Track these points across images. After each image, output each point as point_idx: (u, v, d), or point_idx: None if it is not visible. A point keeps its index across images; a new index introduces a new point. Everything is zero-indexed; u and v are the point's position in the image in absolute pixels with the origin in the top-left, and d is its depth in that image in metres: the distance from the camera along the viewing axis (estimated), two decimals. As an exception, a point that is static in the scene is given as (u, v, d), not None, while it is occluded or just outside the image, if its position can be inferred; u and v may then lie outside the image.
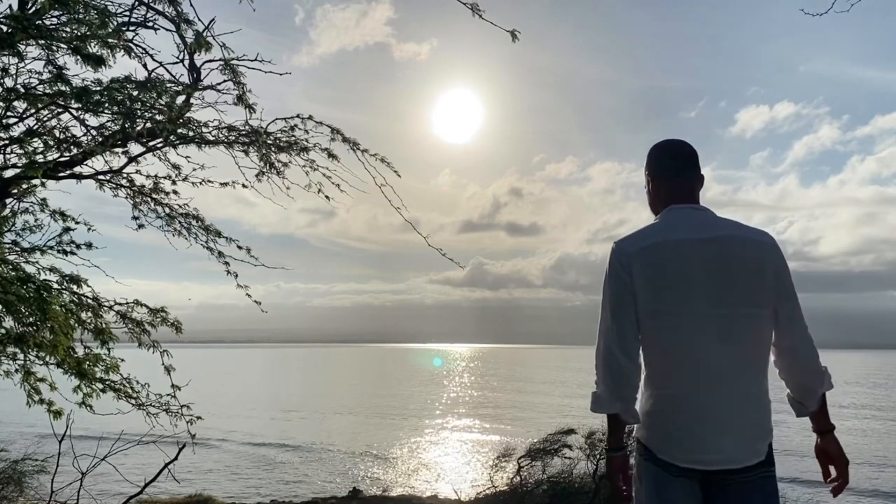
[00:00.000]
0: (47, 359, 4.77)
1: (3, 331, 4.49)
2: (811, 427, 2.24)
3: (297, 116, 4.64)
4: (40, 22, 3.50)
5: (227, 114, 4.49)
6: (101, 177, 4.75)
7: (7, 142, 4.28)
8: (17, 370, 5.00)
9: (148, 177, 4.87)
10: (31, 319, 4.37)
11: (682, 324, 2.00)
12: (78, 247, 4.92)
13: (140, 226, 5.01)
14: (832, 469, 2.18)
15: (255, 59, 4.26)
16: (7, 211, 4.78)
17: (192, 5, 3.88)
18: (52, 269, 4.64)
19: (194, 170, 4.81)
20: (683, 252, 2.02)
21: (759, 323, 2.03)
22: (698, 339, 1.99)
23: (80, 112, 3.99)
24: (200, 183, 4.86)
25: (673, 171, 2.21)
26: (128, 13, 4.07)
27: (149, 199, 4.95)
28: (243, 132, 4.56)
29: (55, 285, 4.54)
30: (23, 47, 3.52)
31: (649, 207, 2.30)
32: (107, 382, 4.99)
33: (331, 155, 4.66)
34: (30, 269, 4.58)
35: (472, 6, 3.42)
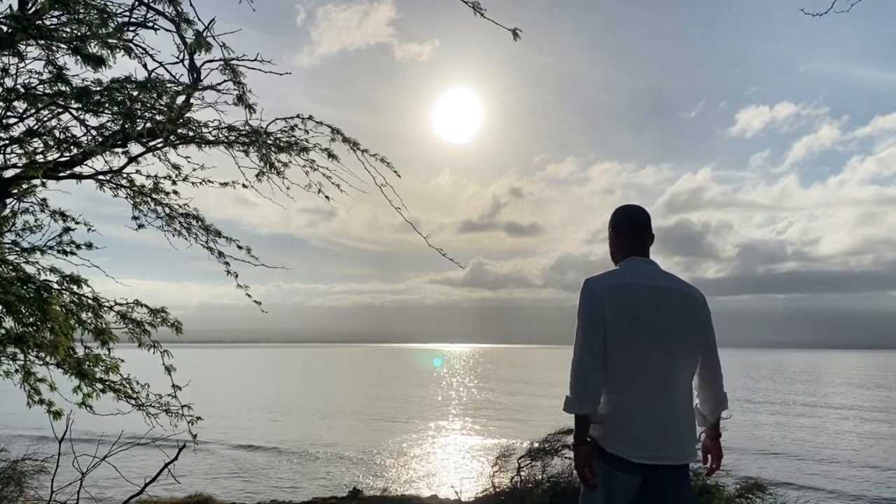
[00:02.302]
0: (47, 359, 4.77)
1: (3, 331, 4.49)
2: (707, 433, 2.78)
3: (298, 116, 4.64)
4: (40, 22, 3.50)
5: (227, 114, 4.49)
6: (101, 177, 4.75)
7: (7, 142, 4.28)
8: (17, 370, 5.00)
9: (148, 177, 4.87)
10: (31, 320, 4.37)
11: (637, 350, 2.54)
12: (78, 247, 4.91)
13: (140, 226, 5.01)
14: (710, 459, 2.77)
15: (255, 59, 4.26)
16: (7, 211, 4.78)
17: (192, 5, 3.89)
18: (53, 270, 4.65)
19: (194, 170, 4.81)
20: (639, 294, 2.59)
21: (690, 355, 2.61)
22: (649, 362, 2.54)
23: (80, 112, 3.99)
24: (200, 183, 4.85)
25: (632, 231, 2.78)
26: (128, 13, 4.07)
27: (149, 199, 4.95)
28: (243, 132, 4.56)
29: (55, 285, 4.54)
30: (23, 47, 3.52)
31: (611, 256, 2.86)
32: (107, 383, 4.99)
33: (331, 155, 4.66)
34: (30, 269, 4.58)
35: (474, 5, 3.43)
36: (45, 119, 4.31)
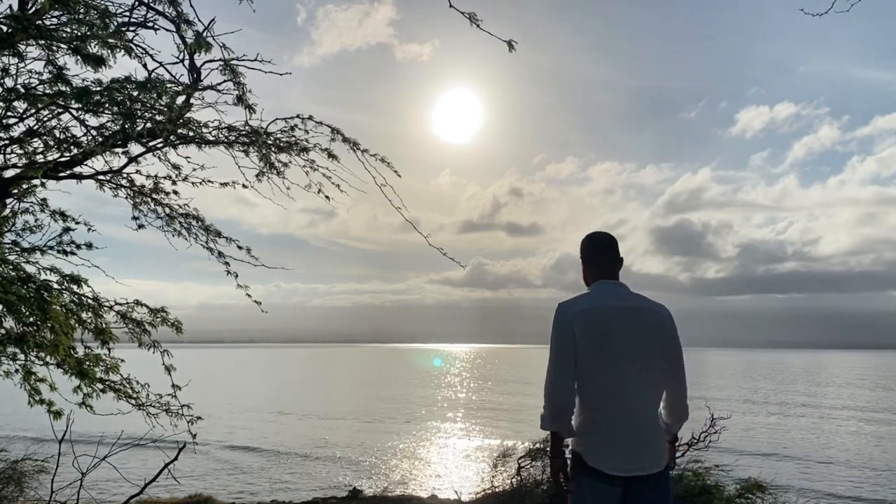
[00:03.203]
0: (47, 359, 4.77)
1: (3, 331, 4.49)
2: (666, 437, 2.91)
3: (298, 116, 4.64)
4: (40, 22, 3.50)
5: (227, 114, 4.49)
6: (101, 177, 4.75)
7: (7, 142, 4.28)
8: (17, 370, 5.00)
9: (148, 177, 4.88)
10: (31, 319, 4.37)
11: (609, 368, 2.70)
12: (78, 247, 4.91)
13: (140, 226, 5.01)
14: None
15: (255, 60, 4.27)
16: (7, 211, 4.78)
17: (192, 5, 3.89)
18: (53, 270, 4.64)
19: (194, 170, 4.82)
20: (609, 315, 2.74)
21: (659, 372, 2.76)
22: (622, 379, 2.69)
23: (80, 112, 3.99)
24: (200, 183, 4.86)
25: (600, 257, 2.95)
26: (128, 13, 4.08)
27: (149, 200, 4.95)
28: (243, 132, 4.56)
29: (55, 285, 4.54)
30: (23, 47, 3.52)
31: (583, 280, 3.02)
32: (107, 382, 4.99)
33: (331, 155, 4.66)
34: (30, 269, 4.58)
35: (470, 16, 3.43)
36: (45, 119, 4.31)
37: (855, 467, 17.41)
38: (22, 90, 3.71)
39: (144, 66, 4.23)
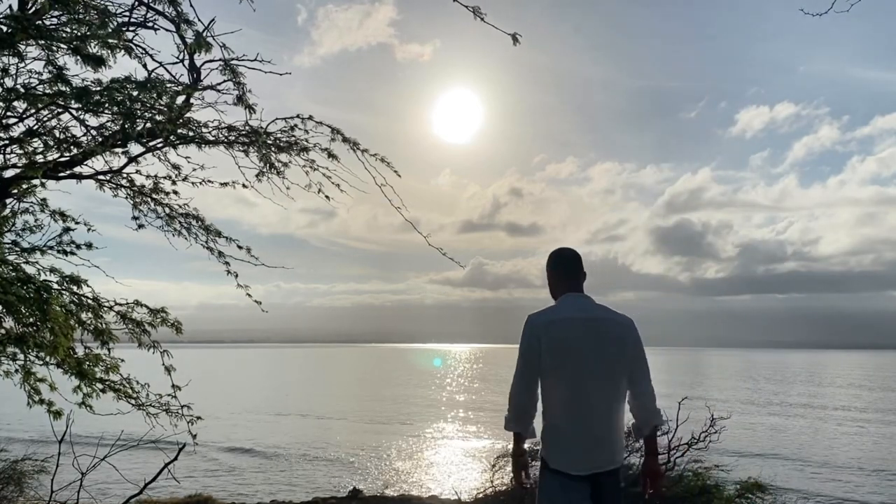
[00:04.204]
0: (47, 359, 4.77)
1: (3, 331, 4.48)
2: (645, 449, 3.11)
3: (298, 116, 4.63)
4: (40, 22, 3.49)
5: (227, 114, 4.49)
6: (101, 177, 4.75)
7: (7, 142, 4.28)
8: (17, 370, 4.99)
9: (148, 177, 4.88)
10: (31, 320, 4.36)
11: (573, 375, 2.88)
12: (78, 247, 4.91)
13: (140, 226, 5.01)
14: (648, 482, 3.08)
15: (255, 60, 4.26)
16: (7, 211, 4.78)
17: (192, 5, 3.89)
18: (53, 270, 4.64)
19: (194, 170, 4.82)
20: (575, 326, 2.94)
21: (621, 378, 2.95)
22: (583, 387, 2.88)
23: (80, 112, 3.99)
24: (200, 183, 4.86)
25: (566, 271, 3.15)
26: (128, 13, 4.07)
27: (149, 199, 4.95)
28: (243, 132, 4.56)
29: (55, 286, 4.54)
30: (23, 47, 3.52)
31: (550, 294, 3.20)
32: (107, 382, 4.99)
33: (331, 155, 4.66)
34: (30, 269, 4.58)
35: (474, 9, 3.43)
36: (45, 119, 4.31)
37: (855, 469, 17.40)
38: (22, 90, 3.71)
39: (144, 66, 4.23)
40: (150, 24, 4.14)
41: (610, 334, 2.96)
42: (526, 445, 3.16)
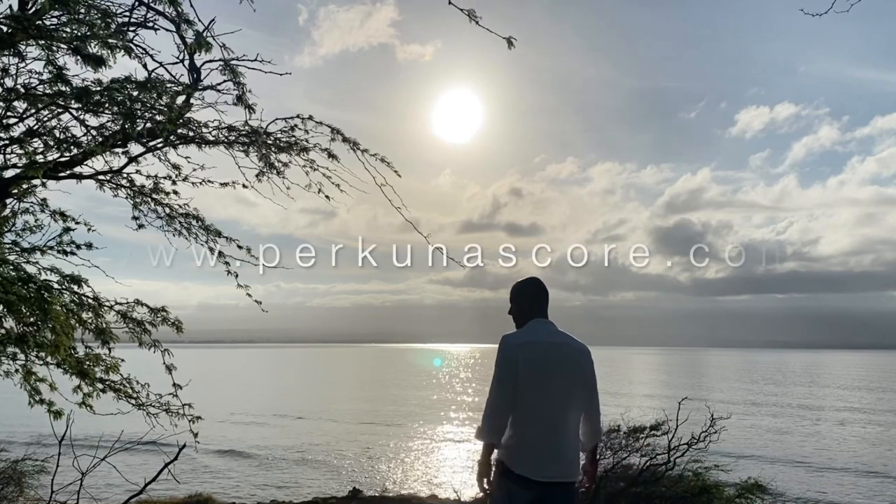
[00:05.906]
0: (48, 359, 4.77)
1: (3, 331, 4.48)
2: (587, 457, 3.49)
3: (298, 116, 4.63)
4: (40, 22, 3.50)
5: (227, 114, 4.49)
6: (101, 177, 4.75)
7: (7, 142, 4.28)
8: (17, 370, 4.99)
9: (148, 177, 4.87)
10: (31, 320, 4.37)
11: (540, 394, 3.20)
12: (78, 247, 4.91)
13: (140, 226, 5.00)
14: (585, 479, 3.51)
15: (256, 60, 4.26)
16: (7, 211, 4.77)
17: (192, 5, 3.88)
18: (53, 270, 4.64)
19: (194, 170, 4.81)
20: (544, 349, 3.26)
21: (580, 398, 3.29)
22: (549, 403, 3.20)
23: (80, 112, 3.99)
24: (200, 183, 4.85)
25: (533, 298, 3.46)
26: (128, 13, 4.07)
27: (149, 200, 4.94)
28: (243, 132, 4.56)
29: (56, 285, 4.54)
30: (23, 47, 3.52)
31: (514, 320, 3.50)
32: (107, 382, 4.99)
33: (331, 155, 4.66)
34: (30, 269, 4.57)
35: (469, 13, 3.42)
36: (45, 119, 4.31)
37: (854, 471, 17.40)
38: (22, 90, 3.71)
39: (144, 66, 4.22)
40: (151, 24, 4.14)
41: (572, 359, 3.30)
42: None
